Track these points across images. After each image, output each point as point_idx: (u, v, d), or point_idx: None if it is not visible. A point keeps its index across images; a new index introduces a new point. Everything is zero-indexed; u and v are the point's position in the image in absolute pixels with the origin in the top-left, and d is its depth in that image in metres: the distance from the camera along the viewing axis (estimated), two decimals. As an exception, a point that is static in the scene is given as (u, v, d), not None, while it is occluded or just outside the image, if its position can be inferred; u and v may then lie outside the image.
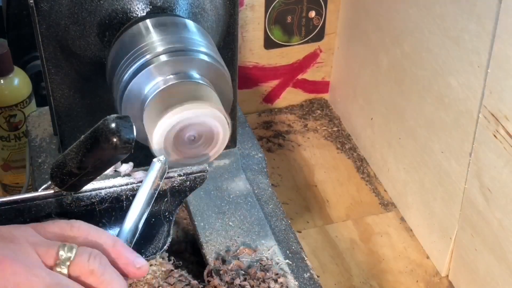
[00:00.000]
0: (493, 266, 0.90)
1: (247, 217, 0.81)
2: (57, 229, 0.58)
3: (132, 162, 0.69)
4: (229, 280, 0.73)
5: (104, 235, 0.59)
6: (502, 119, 0.83)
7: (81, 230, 0.59)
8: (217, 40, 0.77)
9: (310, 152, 1.24)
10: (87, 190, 0.66)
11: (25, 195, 0.65)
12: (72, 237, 0.58)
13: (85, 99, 0.78)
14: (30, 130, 0.92)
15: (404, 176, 1.10)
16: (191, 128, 0.65)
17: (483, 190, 0.89)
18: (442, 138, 0.97)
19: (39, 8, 0.71)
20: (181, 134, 0.65)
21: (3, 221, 0.64)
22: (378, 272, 1.03)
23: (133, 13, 0.72)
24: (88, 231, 0.59)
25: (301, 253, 0.80)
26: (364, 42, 1.16)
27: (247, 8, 1.19)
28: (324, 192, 1.16)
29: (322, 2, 1.22)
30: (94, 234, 0.59)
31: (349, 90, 1.25)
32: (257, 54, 1.24)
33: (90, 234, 0.59)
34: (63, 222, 0.59)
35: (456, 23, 0.89)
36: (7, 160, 1.09)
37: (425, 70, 0.98)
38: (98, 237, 0.59)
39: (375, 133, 1.17)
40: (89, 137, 0.59)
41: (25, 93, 1.04)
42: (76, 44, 0.73)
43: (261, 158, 0.92)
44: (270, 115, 1.31)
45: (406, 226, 1.10)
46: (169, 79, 0.66)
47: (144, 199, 0.63)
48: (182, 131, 0.65)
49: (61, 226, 0.59)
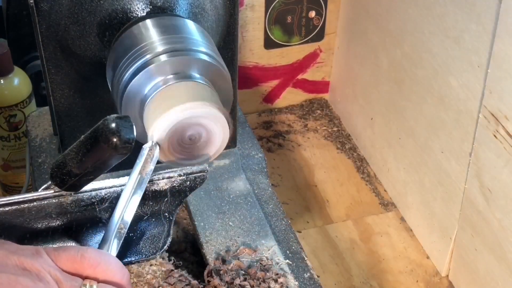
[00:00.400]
0: (493, 266, 0.90)
1: (247, 217, 0.81)
2: (70, 260, 0.58)
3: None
4: (229, 280, 0.73)
5: (113, 267, 0.60)
6: (502, 119, 0.83)
7: (92, 261, 0.59)
8: (217, 40, 0.77)
9: (310, 152, 1.24)
10: (87, 190, 0.66)
11: (25, 195, 0.65)
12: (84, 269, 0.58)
13: (85, 99, 0.78)
14: (30, 130, 0.91)
15: (404, 176, 1.10)
16: (191, 128, 0.65)
17: (483, 190, 0.89)
18: (442, 138, 0.97)
19: (39, 8, 0.71)
20: (181, 134, 0.65)
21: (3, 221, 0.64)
22: (378, 272, 1.03)
23: (133, 13, 0.72)
24: (99, 262, 0.59)
25: (301, 253, 0.80)
26: (364, 42, 1.16)
27: (247, 8, 1.19)
28: (324, 192, 1.16)
29: (322, 2, 1.22)
30: (103, 266, 0.59)
31: (349, 90, 1.25)
32: (257, 54, 1.24)
33: (100, 265, 0.59)
34: (74, 251, 0.59)
35: (456, 23, 0.89)
36: (7, 160, 1.09)
37: (425, 70, 0.98)
38: (107, 269, 0.59)
39: (375, 133, 1.17)
40: (89, 137, 0.59)
41: (25, 93, 1.04)
42: (76, 44, 0.73)
43: (261, 158, 0.92)
44: (270, 115, 1.31)
45: (406, 226, 1.10)
46: (169, 79, 0.66)
47: (134, 181, 0.63)
48: (182, 131, 0.65)
49: (73, 257, 0.58)
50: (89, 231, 0.69)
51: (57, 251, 0.58)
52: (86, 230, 0.69)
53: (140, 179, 0.63)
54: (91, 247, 0.63)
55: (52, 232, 0.67)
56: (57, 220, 0.66)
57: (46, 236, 0.67)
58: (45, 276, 0.55)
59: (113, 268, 0.59)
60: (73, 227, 0.68)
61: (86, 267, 0.58)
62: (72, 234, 0.68)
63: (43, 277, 0.55)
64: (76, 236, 0.68)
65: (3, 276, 0.53)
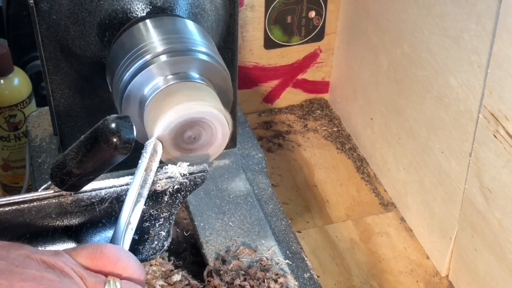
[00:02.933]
0: (493, 266, 0.90)
1: (247, 217, 0.81)
2: (89, 256, 0.58)
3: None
4: (229, 280, 0.73)
5: (132, 264, 0.59)
6: (502, 119, 0.83)
7: (112, 257, 0.59)
8: (217, 40, 0.77)
9: (310, 152, 1.24)
10: (87, 190, 0.66)
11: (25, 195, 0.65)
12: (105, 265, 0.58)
13: (85, 99, 0.78)
14: (30, 130, 0.91)
15: (404, 176, 1.10)
16: (191, 127, 0.65)
17: (483, 190, 0.89)
18: (442, 138, 0.97)
19: (39, 8, 0.71)
20: (181, 133, 0.65)
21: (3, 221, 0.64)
22: (378, 272, 1.03)
23: (133, 13, 0.72)
24: (118, 258, 0.59)
25: (301, 253, 0.80)
26: (364, 42, 1.16)
27: (247, 8, 1.19)
28: (324, 192, 1.16)
29: (322, 2, 1.22)
30: (123, 262, 0.59)
31: (349, 90, 1.25)
32: (257, 54, 1.24)
33: (119, 261, 0.59)
34: (92, 248, 0.58)
35: (456, 23, 0.89)
36: (7, 160, 1.09)
37: (425, 70, 0.98)
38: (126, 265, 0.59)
39: (375, 133, 1.17)
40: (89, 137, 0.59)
41: (25, 93, 1.04)
42: (76, 44, 0.73)
43: (261, 158, 0.92)
44: (270, 115, 1.31)
45: (406, 226, 1.10)
46: (169, 79, 0.66)
47: (139, 180, 0.63)
48: (182, 130, 0.65)
49: (93, 254, 0.58)
50: (89, 231, 0.69)
51: (76, 250, 0.58)
52: (86, 230, 0.69)
53: (146, 176, 0.64)
54: (109, 243, 0.62)
55: (52, 232, 0.67)
56: (57, 220, 0.66)
57: (46, 236, 0.67)
58: (69, 272, 0.55)
59: (132, 264, 0.59)
60: (73, 227, 0.68)
61: (106, 263, 0.58)
62: (72, 234, 0.68)
63: (67, 273, 0.55)
64: (76, 236, 0.68)
65: (29, 272, 0.53)
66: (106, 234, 0.69)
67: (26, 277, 0.52)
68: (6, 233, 0.64)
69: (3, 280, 0.51)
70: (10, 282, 0.51)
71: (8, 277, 0.52)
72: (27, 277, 0.52)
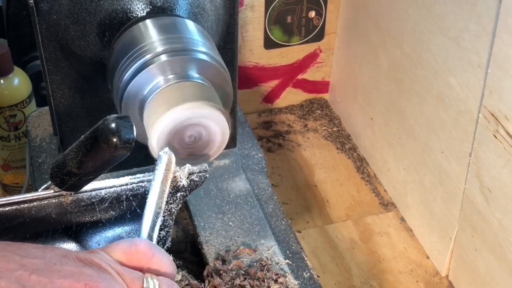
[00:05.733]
0: (493, 266, 0.90)
1: (247, 217, 0.81)
2: (125, 253, 0.58)
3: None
4: (229, 280, 0.73)
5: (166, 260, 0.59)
6: (502, 119, 0.83)
7: (147, 253, 0.59)
8: (217, 40, 0.77)
9: (310, 152, 1.24)
10: (87, 190, 0.66)
11: (25, 195, 0.65)
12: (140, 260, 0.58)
13: (85, 99, 0.78)
14: (30, 130, 0.91)
15: (404, 176, 1.10)
16: (191, 127, 0.65)
17: (483, 190, 0.89)
18: (442, 138, 0.97)
19: (39, 8, 0.71)
20: (181, 133, 0.65)
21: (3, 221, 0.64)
22: (378, 272, 1.03)
23: (133, 13, 0.72)
24: (153, 254, 0.59)
25: (301, 253, 0.80)
26: (364, 42, 1.16)
27: (247, 8, 1.19)
28: (324, 192, 1.16)
29: (322, 2, 1.22)
30: (157, 258, 0.59)
31: (349, 90, 1.25)
32: (257, 54, 1.24)
33: (154, 256, 0.59)
34: (127, 244, 0.58)
35: (456, 23, 0.89)
36: (7, 160, 1.09)
37: (425, 70, 0.98)
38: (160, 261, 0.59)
39: (375, 133, 1.17)
40: (89, 137, 0.59)
41: (25, 93, 1.04)
42: (76, 44, 0.73)
43: (261, 158, 0.92)
44: (270, 115, 1.31)
45: (406, 226, 1.10)
46: (169, 79, 0.66)
47: (157, 193, 0.63)
48: (182, 130, 0.65)
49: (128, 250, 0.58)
50: (89, 231, 0.69)
51: (110, 246, 0.58)
52: (86, 230, 0.69)
53: (162, 187, 0.63)
54: (142, 238, 0.62)
55: (52, 232, 0.67)
56: (57, 220, 0.66)
57: (46, 236, 0.67)
58: (107, 268, 0.54)
59: (166, 260, 0.59)
60: (73, 227, 0.68)
61: (142, 258, 0.58)
62: (72, 234, 0.68)
63: (105, 269, 0.54)
64: (76, 236, 0.68)
65: (67, 268, 0.52)
66: (106, 234, 0.69)
67: (65, 273, 0.52)
68: (6, 233, 0.64)
69: (43, 277, 0.51)
70: (50, 279, 0.51)
71: (47, 274, 0.51)
72: (66, 274, 0.52)
